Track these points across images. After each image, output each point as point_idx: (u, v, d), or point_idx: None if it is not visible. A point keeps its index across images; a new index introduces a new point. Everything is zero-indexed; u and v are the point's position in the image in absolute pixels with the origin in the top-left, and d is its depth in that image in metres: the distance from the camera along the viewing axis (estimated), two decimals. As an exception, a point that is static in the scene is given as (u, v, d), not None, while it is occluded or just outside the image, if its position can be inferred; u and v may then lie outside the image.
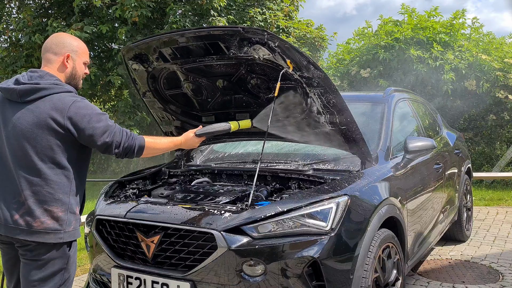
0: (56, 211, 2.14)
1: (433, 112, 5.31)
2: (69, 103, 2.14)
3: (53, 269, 2.17)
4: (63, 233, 2.16)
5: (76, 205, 2.23)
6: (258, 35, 2.67)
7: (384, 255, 2.83)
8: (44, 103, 2.14)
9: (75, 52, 2.30)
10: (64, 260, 2.20)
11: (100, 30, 9.31)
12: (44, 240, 2.12)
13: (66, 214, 2.17)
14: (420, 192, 3.67)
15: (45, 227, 2.11)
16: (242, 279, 2.44)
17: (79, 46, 2.33)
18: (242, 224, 2.49)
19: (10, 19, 11.19)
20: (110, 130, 2.20)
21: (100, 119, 2.18)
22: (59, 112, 2.12)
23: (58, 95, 2.16)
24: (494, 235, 5.57)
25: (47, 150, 2.13)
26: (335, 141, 3.18)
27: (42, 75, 2.20)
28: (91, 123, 2.15)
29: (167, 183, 3.60)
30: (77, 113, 2.13)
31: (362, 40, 10.76)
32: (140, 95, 3.50)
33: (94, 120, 2.16)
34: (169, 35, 2.91)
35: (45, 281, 2.16)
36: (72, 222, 2.20)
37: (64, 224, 2.16)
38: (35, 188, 2.12)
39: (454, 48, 9.64)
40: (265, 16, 10.43)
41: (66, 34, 2.39)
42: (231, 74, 3.11)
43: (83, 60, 2.35)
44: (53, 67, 2.26)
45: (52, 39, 2.31)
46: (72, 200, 2.20)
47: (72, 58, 2.29)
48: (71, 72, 2.29)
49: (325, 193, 2.65)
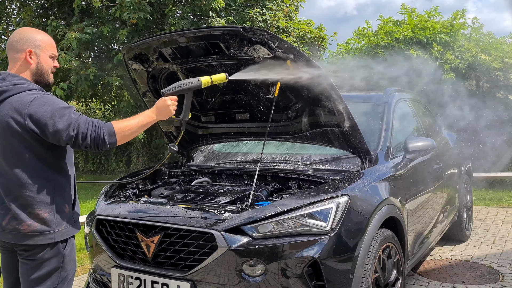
0: (41, 213, 2.10)
1: (433, 112, 5.31)
2: (28, 102, 2.04)
3: (49, 268, 2.16)
4: (53, 233, 2.12)
5: (64, 203, 2.18)
6: (258, 35, 2.67)
7: (384, 255, 2.83)
8: (4, 106, 2.06)
9: (38, 46, 2.18)
10: (59, 259, 2.18)
11: (101, 30, 9.32)
12: (35, 242, 2.10)
13: (53, 214, 2.13)
14: (420, 192, 3.67)
15: (32, 230, 2.09)
16: (242, 279, 2.44)
17: (42, 40, 2.20)
18: (242, 224, 2.49)
19: (10, 19, 11.20)
20: (74, 123, 2.06)
21: (63, 113, 2.06)
22: (18, 113, 2.03)
23: (17, 95, 2.06)
24: (494, 235, 5.57)
25: (17, 154, 2.07)
26: (335, 141, 3.18)
27: (5, 76, 2.13)
28: (53, 118, 2.03)
29: (167, 183, 3.60)
30: (37, 110, 2.03)
31: (362, 40, 10.76)
32: (140, 95, 3.51)
33: (56, 115, 2.04)
34: (169, 35, 2.91)
35: (42, 280, 2.16)
36: (63, 221, 2.16)
37: (53, 225, 2.12)
38: (15, 194, 2.09)
39: (454, 48, 9.63)
40: (265, 16, 10.43)
41: (28, 28, 2.26)
42: (231, 74, 3.10)
43: (49, 54, 2.22)
44: (17, 66, 2.16)
45: (13, 36, 2.20)
46: (58, 199, 2.15)
47: (36, 53, 2.17)
48: (36, 68, 2.18)
49: (325, 193, 2.65)
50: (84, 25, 9.22)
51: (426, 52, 9.34)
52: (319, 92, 2.90)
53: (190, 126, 3.70)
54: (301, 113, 3.19)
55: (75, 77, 9.04)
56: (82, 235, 5.51)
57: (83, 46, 9.19)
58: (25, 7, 10.53)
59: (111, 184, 3.48)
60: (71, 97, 10.29)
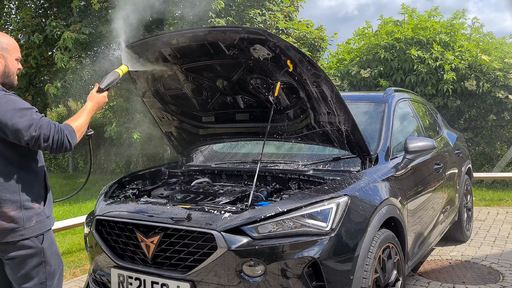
0: (7, 211, 2.13)
1: (433, 112, 5.31)
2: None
3: (32, 264, 2.19)
4: (23, 229, 2.15)
5: (32, 200, 2.20)
6: (258, 35, 2.67)
7: (385, 256, 2.83)
8: None
9: (5, 49, 2.24)
10: (39, 254, 2.21)
11: (99, 31, 9.31)
12: (5, 240, 2.13)
13: (20, 212, 2.15)
14: (421, 193, 3.66)
15: (1, 228, 2.12)
16: (242, 280, 2.43)
17: (8, 43, 2.27)
18: (242, 225, 2.48)
19: (9, 18, 11.20)
20: (36, 124, 2.09)
21: (24, 113, 2.09)
22: None
23: None
24: (495, 236, 5.56)
25: None
26: (335, 141, 3.18)
27: None
28: (14, 118, 2.06)
29: (167, 183, 3.60)
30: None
31: (362, 40, 10.76)
32: (140, 95, 3.50)
33: (17, 115, 2.07)
34: (169, 35, 2.91)
35: (28, 277, 2.19)
36: (32, 217, 2.19)
37: (21, 221, 2.15)
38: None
39: (454, 48, 9.63)
40: (265, 17, 10.42)
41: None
42: (231, 74, 3.10)
43: (15, 57, 2.29)
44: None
45: None
46: (24, 196, 2.17)
47: (3, 56, 2.23)
48: (3, 70, 2.24)
49: (325, 194, 2.65)
50: (81, 25, 9.22)
51: (427, 52, 9.34)
52: (319, 92, 2.90)
53: (190, 126, 3.69)
54: (301, 113, 3.18)
55: (72, 77, 9.03)
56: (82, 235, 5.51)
57: (80, 47, 9.17)
58: (24, 6, 10.53)
59: (111, 185, 3.48)
60: (67, 96, 10.28)
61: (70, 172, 14.97)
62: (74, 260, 4.96)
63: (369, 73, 9.64)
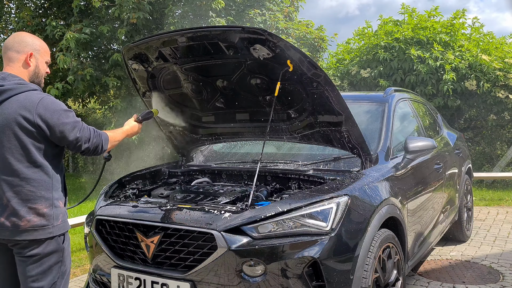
0: (40, 207, 2.17)
1: (433, 112, 5.31)
2: (37, 100, 2.15)
3: (50, 263, 2.21)
4: (51, 227, 2.19)
5: (59, 199, 2.26)
6: (258, 35, 2.67)
7: (385, 255, 2.83)
8: (11, 103, 2.15)
9: (38, 51, 2.31)
10: (59, 253, 2.25)
11: (100, 30, 9.31)
12: (34, 237, 2.15)
13: (52, 209, 2.20)
14: (421, 192, 3.66)
15: (32, 225, 2.15)
16: (242, 279, 2.43)
17: (41, 45, 2.34)
18: (242, 224, 2.48)
19: (10, 18, 11.19)
20: (79, 126, 2.23)
21: (68, 115, 2.20)
22: (27, 111, 2.13)
23: (24, 94, 2.17)
24: (495, 235, 5.56)
25: (22, 150, 2.14)
26: (336, 141, 3.17)
27: (4, 76, 2.21)
28: (61, 119, 2.17)
29: (167, 183, 3.59)
30: (46, 109, 2.15)
31: (362, 40, 10.75)
32: (140, 95, 3.50)
33: (63, 116, 2.18)
34: (169, 35, 2.91)
35: (43, 275, 2.20)
36: (59, 215, 2.24)
37: (51, 219, 2.19)
38: (16, 189, 2.14)
39: (455, 48, 9.63)
40: (265, 17, 10.42)
41: (27, 33, 2.39)
42: (231, 74, 3.10)
43: (45, 60, 2.36)
44: (15, 66, 2.26)
45: (14, 38, 2.31)
46: (55, 194, 2.23)
47: (35, 57, 2.30)
48: (34, 71, 2.30)
49: (325, 193, 2.65)
50: (82, 25, 9.22)
51: (427, 52, 9.34)
52: (319, 92, 2.90)
53: (190, 126, 3.69)
54: (301, 113, 3.18)
55: (72, 77, 9.03)
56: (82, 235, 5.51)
57: (81, 47, 9.18)
58: (24, 6, 10.52)
59: (110, 184, 3.48)
60: (67, 96, 10.28)
61: (70, 172, 15.00)
62: (74, 260, 4.96)
63: (369, 73, 9.64)
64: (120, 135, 2.57)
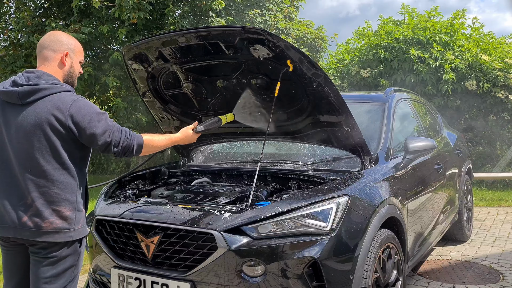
0: (64, 210, 2.15)
1: (433, 112, 5.31)
2: (70, 102, 2.14)
3: (65, 266, 2.20)
4: (72, 231, 2.18)
5: (82, 203, 2.26)
6: (258, 35, 2.67)
7: (385, 256, 2.83)
8: (44, 103, 2.13)
9: (73, 50, 2.30)
10: (75, 257, 2.24)
11: (100, 31, 9.31)
12: (54, 240, 2.14)
13: (74, 213, 2.19)
14: (421, 193, 3.66)
15: (54, 227, 2.13)
16: (242, 280, 2.43)
17: (76, 45, 2.34)
18: (242, 225, 2.48)
19: (10, 18, 11.18)
20: (110, 130, 2.21)
21: (100, 118, 2.18)
22: (60, 111, 2.11)
23: (57, 94, 2.15)
24: (495, 236, 5.56)
25: (51, 151, 2.13)
26: (336, 141, 3.17)
27: (40, 75, 2.18)
28: (92, 122, 2.15)
29: (167, 183, 3.59)
30: (78, 112, 2.13)
31: (362, 40, 10.75)
32: (140, 95, 3.50)
33: (95, 119, 2.16)
34: (169, 35, 2.91)
35: (56, 277, 2.18)
36: (80, 220, 2.23)
37: (73, 223, 2.18)
38: (42, 190, 2.13)
39: (454, 48, 9.62)
40: (265, 17, 10.42)
41: (63, 32, 2.39)
42: (231, 74, 3.10)
43: (80, 59, 2.36)
44: (50, 65, 2.24)
45: (49, 37, 2.29)
46: (79, 198, 2.23)
47: (70, 57, 2.29)
48: (69, 71, 2.29)
49: (325, 194, 2.65)
50: (81, 25, 9.21)
51: (426, 52, 9.34)
52: (319, 92, 2.90)
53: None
54: (301, 113, 3.18)
55: None
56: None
57: None
58: (24, 7, 10.52)
59: (110, 185, 3.48)
60: None
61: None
62: (74, 260, 4.95)
63: (369, 73, 9.63)
64: (163, 141, 2.49)
